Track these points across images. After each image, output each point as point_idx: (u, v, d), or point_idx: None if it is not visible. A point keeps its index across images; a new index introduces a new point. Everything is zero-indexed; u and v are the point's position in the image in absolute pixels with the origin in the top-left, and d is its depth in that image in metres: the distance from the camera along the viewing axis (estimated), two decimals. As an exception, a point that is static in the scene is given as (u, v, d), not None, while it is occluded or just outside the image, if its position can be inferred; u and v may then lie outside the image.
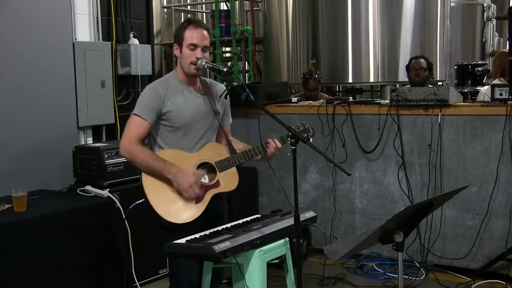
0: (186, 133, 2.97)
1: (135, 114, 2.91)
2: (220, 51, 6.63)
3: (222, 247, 2.55)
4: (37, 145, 4.33)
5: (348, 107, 4.56)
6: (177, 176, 2.81)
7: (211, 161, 2.97)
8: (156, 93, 2.93)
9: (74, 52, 4.61)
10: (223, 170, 2.97)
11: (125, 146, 2.87)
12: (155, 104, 2.90)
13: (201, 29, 2.96)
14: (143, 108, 2.90)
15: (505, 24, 7.43)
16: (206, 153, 2.99)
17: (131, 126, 2.91)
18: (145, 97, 2.93)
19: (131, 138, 2.87)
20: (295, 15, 6.12)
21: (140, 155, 2.84)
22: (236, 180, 3.04)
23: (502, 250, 3.98)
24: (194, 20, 3.09)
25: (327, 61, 5.97)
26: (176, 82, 3.01)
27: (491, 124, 4.07)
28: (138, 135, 2.88)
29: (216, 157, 2.98)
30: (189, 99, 2.99)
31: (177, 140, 2.97)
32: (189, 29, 2.94)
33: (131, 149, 2.86)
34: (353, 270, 4.38)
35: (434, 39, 6.12)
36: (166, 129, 2.96)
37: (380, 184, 4.51)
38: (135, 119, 2.91)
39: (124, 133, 2.92)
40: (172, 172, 2.82)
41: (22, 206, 3.41)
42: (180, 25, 3.03)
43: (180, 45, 2.97)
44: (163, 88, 2.95)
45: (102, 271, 3.72)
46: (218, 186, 2.97)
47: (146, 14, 5.39)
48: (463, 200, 4.19)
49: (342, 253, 2.19)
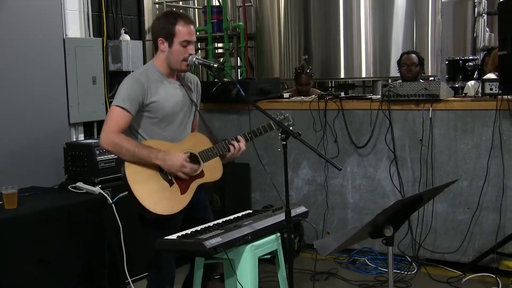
0: (169, 124, 2.95)
1: (116, 105, 2.81)
2: (212, 47, 6.62)
3: (213, 242, 2.56)
4: (28, 142, 4.31)
5: (339, 102, 4.57)
6: (166, 160, 2.79)
7: (194, 151, 2.95)
8: (139, 83, 2.86)
9: (65, 48, 4.58)
10: (206, 160, 2.95)
11: (107, 137, 2.79)
12: (140, 95, 2.83)
13: (191, 24, 2.94)
14: (125, 99, 2.81)
15: (496, 19, 7.44)
16: (189, 143, 2.97)
17: (112, 118, 2.81)
18: (127, 88, 2.84)
19: (113, 130, 2.79)
20: (287, 11, 6.12)
21: (125, 144, 2.77)
22: (221, 170, 3.01)
23: (492, 244, 4.00)
24: (182, 14, 3.00)
25: (319, 56, 5.98)
26: (155, 73, 2.95)
27: (481, 118, 4.09)
28: (119, 127, 2.80)
29: (199, 147, 2.96)
30: (170, 90, 2.96)
31: (160, 131, 2.94)
32: (180, 24, 2.89)
33: (114, 139, 2.77)
34: (345, 265, 4.40)
35: (425, 34, 6.14)
36: (148, 121, 2.92)
37: (372, 179, 4.52)
38: (116, 111, 2.81)
39: (105, 125, 2.82)
40: (160, 157, 2.79)
41: (12, 203, 3.40)
42: (165, 19, 2.92)
43: (169, 40, 2.90)
44: (145, 79, 2.89)
45: (94, 268, 3.71)
46: (202, 176, 2.95)
47: (137, 10, 5.36)
48: (454, 195, 4.21)
49: (332, 247, 2.20)
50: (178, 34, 2.89)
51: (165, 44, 2.92)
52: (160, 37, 2.93)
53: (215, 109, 5.02)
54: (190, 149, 2.95)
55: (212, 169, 2.98)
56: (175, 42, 2.90)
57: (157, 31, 2.94)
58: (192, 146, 2.96)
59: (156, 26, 2.96)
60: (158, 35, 2.93)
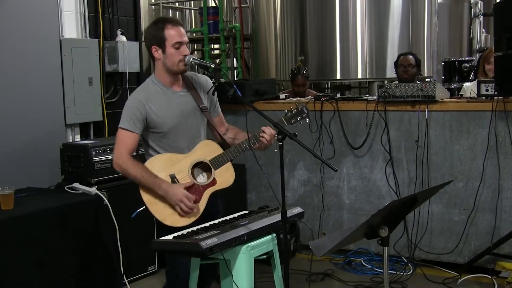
0: (177, 135, 2.97)
1: (121, 127, 2.92)
2: (208, 48, 6.62)
3: (209, 243, 2.55)
4: (24, 143, 4.30)
5: (335, 103, 4.58)
6: (168, 192, 2.84)
7: (205, 159, 2.97)
8: (138, 102, 2.91)
9: (61, 49, 4.58)
10: (218, 167, 2.97)
11: (117, 161, 2.91)
12: (139, 114, 2.90)
13: (179, 26, 2.96)
14: (128, 120, 2.90)
15: (492, 20, 7.46)
16: (199, 152, 2.99)
17: (119, 140, 2.92)
18: (128, 109, 2.92)
19: (122, 152, 2.89)
20: (283, 12, 6.13)
21: (131, 172, 2.87)
22: (232, 175, 3.04)
23: (488, 245, 4.01)
24: (168, 18, 3.05)
25: (315, 57, 5.99)
26: (157, 86, 2.98)
27: (477, 120, 4.10)
28: (128, 148, 2.90)
29: (210, 155, 2.98)
30: (172, 101, 2.97)
31: (170, 143, 2.97)
32: (168, 28, 2.91)
33: (122, 165, 2.88)
34: (341, 266, 4.41)
35: (421, 35, 6.15)
36: (156, 136, 2.97)
37: (367, 180, 4.53)
38: (122, 133, 2.91)
39: (115, 147, 2.94)
40: (163, 188, 2.85)
41: (9, 204, 3.40)
42: (154, 27, 2.97)
43: (161, 46, 2.92)
44: (144, 96, 2.94)
45: (91, 269, 3.72)
46: (215, 184, 2.98)
47: (133, 11, 5.36)
48: (450, 196, 4.22)
49: (327, 248, 2.21)
50: (168, 38, 2.91)
51: (159, 51, 2.94)
52: (153, 45, 2.96)
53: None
54: (201, 158, 2.97)
55: (224, 175, 3.00)
56: (167, 46, 2.92)
57: (149, 40, 2.98)
58: (203, 155, 2.98)
59: (148, 35, 3.01)
60: (151, 43, 2.97)
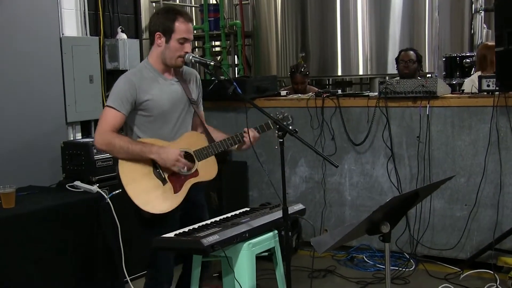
0: (164, 122, 2.94)
1: (109, 106, 2.85)
2: (209, 45, 6.62)
3: (210, 240, 2.56)
4: (25, 141, 4.30)
5: (337, 99, 4.57)
6: (161, 153, 2.80)
7: (189, 150, 2.95)
8: (130, 83, 2.87)
9: (62, 47, 4.56)
10: (201, 159, 2.95)
11: (100, 137, 2.83)
12: (129, 95, 2.85)
13: (190, 22, 2.94)
14: (117, 99, 2.84)
15: (493, 16, 7.44)
16: (184, 142, 2.97)
17: (105, 118, 2.85)
18: (119, 88, 2.87)
19: (106, 129, 2.82)
20: (284, 8, 6.12)
21: (118, 142, 2.80)
22: (215, 169, 3.01)
23: (490, 240, 4.00)
24: (181, 11, 2.99)
25: (316, 54, 5.99)
26: (150, 72, 2.95)
27: (478, 115, 4.09)
28: (113, 127, 2.83)
29: (194, 146, 2.96)
30: (165, 87, 2.95)
31: (156, 129, 2.94)
32: (180, 21, 2.88)
33: (107, 138, 2.81)
34: (343, 262, 4.40)
35: (422, 31, 6.14)
36: (143, 119, 2.92)
37: (369, 176, 4.53)
38: (109, 111, 2.84)
39: (98, 125, 2.86)
40: (154, 151, 2.80)
41: (10, 202, 3.40)
42: (165, 15, 2.92)
43: (167, 36, 2.89)
44: (137, 78, 2.90)
45: (92, 267, 3.71)
46: (197, 175, 2.95)
47: (134, 9, 5.34)
48: (452, 191, 4.21)
49: (329, 244, 2.20)
50: (176, 31, 2.88)
51: (162, 39, 2.91)
52: (158, 31, 2.91)
53: (212, 107, 5.00)
54: (185, 148, 2.94)
55: (207, 168, 2.98)
56: (172, 39, 2.89)
57: (155, 25, 2.93)
58: (188, 145, 2.96)
59: (155, 20, 2.95)
60: (156, 29, 2.92)
